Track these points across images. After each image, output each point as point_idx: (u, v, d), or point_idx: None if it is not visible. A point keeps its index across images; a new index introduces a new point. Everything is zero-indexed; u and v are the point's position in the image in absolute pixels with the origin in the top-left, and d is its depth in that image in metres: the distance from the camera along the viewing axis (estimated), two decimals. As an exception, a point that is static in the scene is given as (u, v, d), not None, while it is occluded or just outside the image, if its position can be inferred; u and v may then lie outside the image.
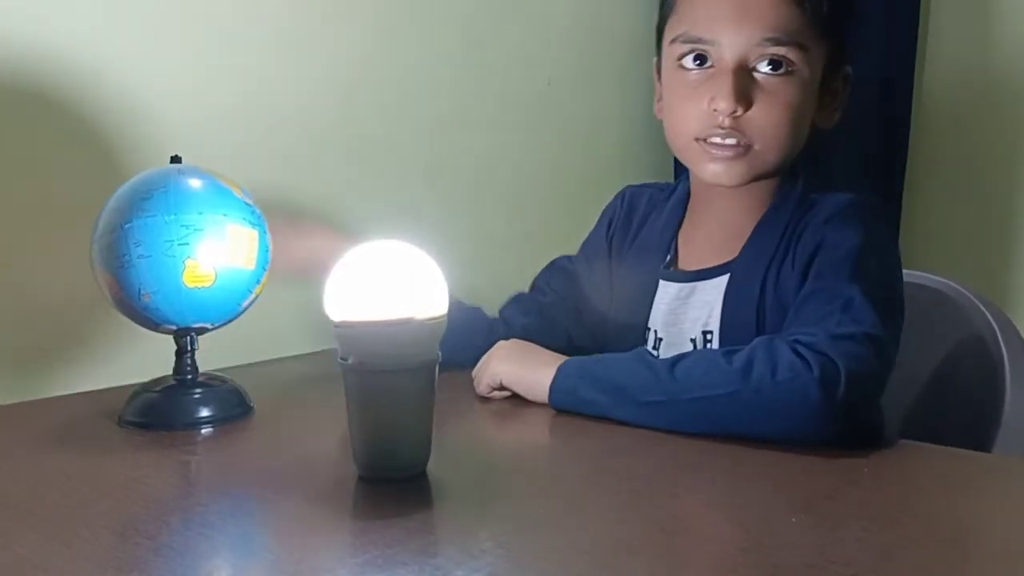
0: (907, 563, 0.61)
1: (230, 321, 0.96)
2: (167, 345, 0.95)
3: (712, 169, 0.97)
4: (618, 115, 1.89)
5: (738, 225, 1.00)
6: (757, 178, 0.98)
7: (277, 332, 1.23)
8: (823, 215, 0.95)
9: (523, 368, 0.97)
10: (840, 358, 0.81)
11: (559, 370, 0.93)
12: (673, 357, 0.89)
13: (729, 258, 0.99)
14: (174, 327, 0.93)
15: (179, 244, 0.88)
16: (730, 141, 0.95)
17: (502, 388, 0.98)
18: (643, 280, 1.05)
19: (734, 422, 0.83)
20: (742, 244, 0.99)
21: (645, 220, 1.11)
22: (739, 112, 0.94)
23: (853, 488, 0.74)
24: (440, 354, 0.75)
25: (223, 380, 0.97)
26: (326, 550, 0.65)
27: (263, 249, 0.94)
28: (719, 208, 1.03)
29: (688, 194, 1.07)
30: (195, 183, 0.92)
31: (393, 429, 0.74)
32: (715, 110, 0.94)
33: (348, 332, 0.72)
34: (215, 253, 0.89)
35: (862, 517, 0.68)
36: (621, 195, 1.17)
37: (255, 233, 0.93)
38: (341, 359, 0.73)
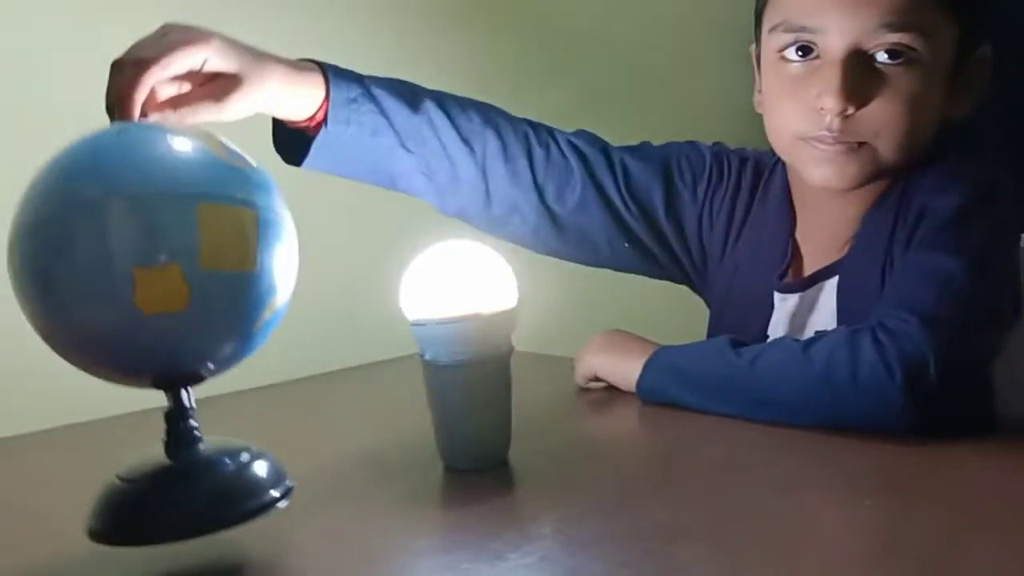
0: (979, 550, 0.55)
1: (241, 357, 0.61)
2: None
3: (820, 173, 0.86)
4: (718, 108, 1.63)
5: (846, 221, 0.90)
6: (873, 179, 0.87)
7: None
8: (930, 181, 0.85)
9: (615, 359, 0.94)
10: (932, 348, 0.74)
11: (646, 365, 0.89)
12: (756, 349, 0.82)
13: (837, 257, 0.90)
14: (146, 377, 0.58)
15: (121, 246, 0.53)
16: (840, 140, 0.84)
17: (597, 379, 0.96)
18: (756, 292, 0.95)
19: (816, 419, 0.77)
20: (849, 239, 0.90)
21: (748, 211, 0.99)
22: (850, 111, 0.82)
23: (936, 473, 0.69)
24: (514, 346, 0.76)
25: (244, 449, 0.62)
26: (388, 535, 0.64)
27: (276, 238, 0.59)
28: (828, 208, 0.91)
29: (787, 190, 0.96)
30: (146, 147, 0.57)
31: (468, 421, 0.75)
32: (822, 109, 0.83)
33: (421, 329, 0.74)
34: (183, 254, 0.54)
35: (938, 503, 0.63)
36: (725, 155, 1.02)
37: (250, 215, 0.57)
38: (420, 355, 0.75)
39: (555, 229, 0.98)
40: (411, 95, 0.89)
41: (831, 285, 0.89)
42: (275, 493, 0.60)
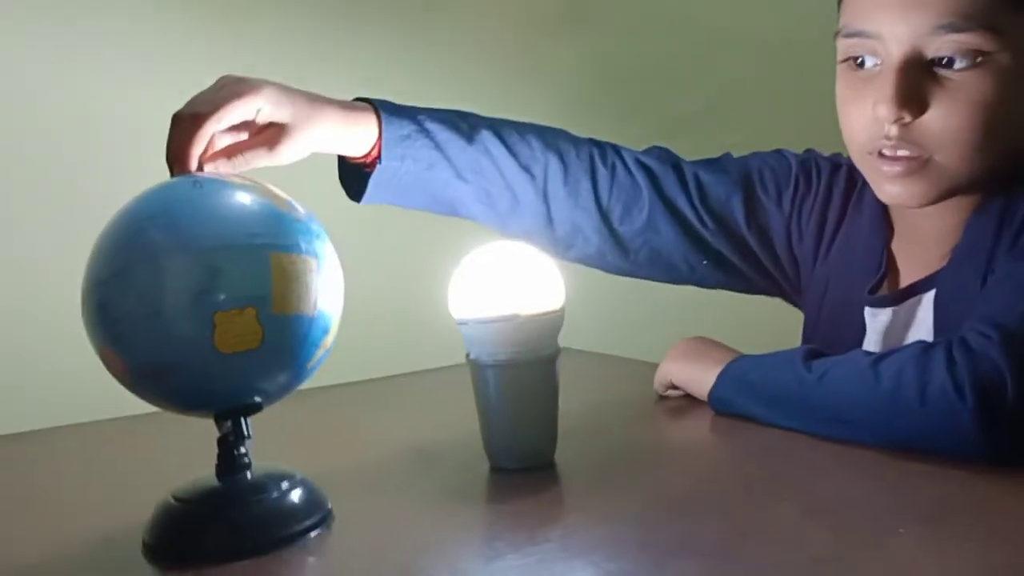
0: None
1: (292, 389, 0.67)
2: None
3: (888, 190, 0.83)
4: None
5: (946, 230, 0.85)
6: (950, 194, 0.82)
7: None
8: None
9: (692, 367, 0.93)
10: (1012, 369, 0.69)
11: (719, 376, 0.88)
12: (828, 363, 0.79)
13: (935, 268, 0.85)
14: (210, 411, 0.64)
15: (198, 293, 0.60)
16: (902, 153, 0.80)
17: (675, 387, 0.95)
18: (848, 307, 0.91)
19: (882, 440, 0.74)
20: (949, 249, 0.85)
21: (841, 221, 0.95)
22: (906, 119, 0.78)
23: (990, 502, 0.64)
24: (560, 348, 0.77)
25: (289, 476, 0.68)
26: (401, 527, 0.67)
27: (329, 284, 0.65)
28: (926, 216, 0.86)
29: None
30: (218, 199, 0.63)
31: (509, 420, 0.77)
32: (878, 118, 0.79)
33: (465, 328, 0.77)
34: (258, 299, 0.61)
35: (985, 537, 0.58)
36: (814, 162, 0.99)
37: (312, 263, 0.63)
38: (466, 354, 0.77)
39: (621, 250, 0.98)
40: (467, 127, 0.92)
41: (928, 299, 0.85)
42: (309, 522, 0.66)
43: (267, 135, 0.79)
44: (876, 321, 0.88)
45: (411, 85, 1.28)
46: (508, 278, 0.76)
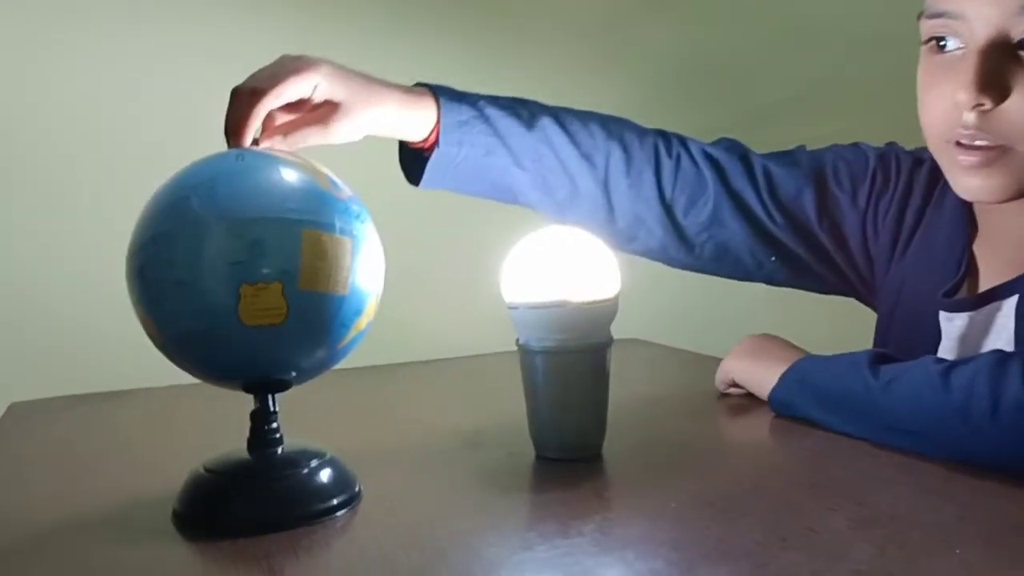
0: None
1: (324, 369, 0.66)
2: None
3: (964, 183, 0.78)
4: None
5: None
6: None
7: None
8: None
9: (755, 366, 0.89)
10: None
11: (781, 377, 0.84)
12: (896, 369, 0.74)
13: (1020, 272, 0.79)
14: (238, 382, 0.64)
15: (230, 263, 0.59)
16: (979, 143, 0.75)
17: (737, 385, 0.93)
18: (923, 311, 0.85)
19: (950, 454, 0.69)
20: None
21: (921, 217, 0.90)
22: (986, 105, 0.73)
23: None
24: (612, 337, 0.76)
25: (319, 454, 0.68)
26: (433, 510, 0.66)
27: (366, 265, 0.64)
28: (1012, 215, 0.81)
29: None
30: (260, 173, 0.62)
31: (555, 409, 0.76)
32: (957, 104, 0.74)
33: (515, 313, 0.75)
34: (285, 274, 0.60)
35: None
36: (894, 156, 0.94)
37: (346, 243, 0.62)
38: (516, 339, 0.76)
39: (685, 244, 0.95)
40: (528, 114, 0.90)
41: (1010, 305, 0.79)
42: (336, 501, 0.65)
43: (321, 112, 0.78)
44: (952, 326, 0.83)
45: (491, 70, 1.28)
46: (561, 264, 0.74)
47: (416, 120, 0.85)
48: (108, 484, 0.75)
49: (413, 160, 0.89)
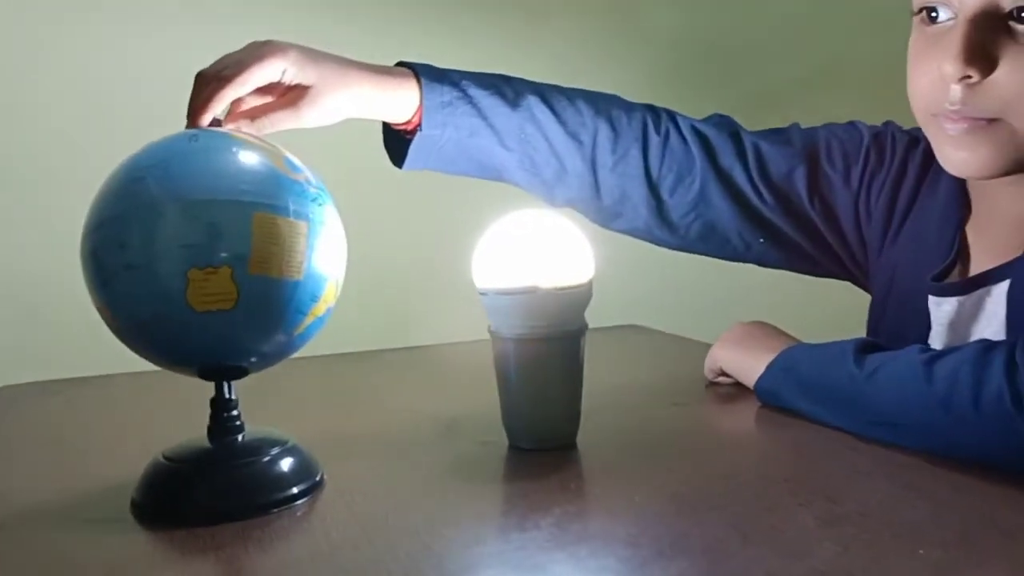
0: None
1: (282, 357, 0.65)
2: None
3: (951, 157, 0.75)
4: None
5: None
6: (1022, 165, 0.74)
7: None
8: None
9: (742, 355, 0.87)
10: None
11: (768, 366, 0.82)
12: (881, 359, 0.72)
13: (1012, 256, 0.76)
14: (192, 368, 0.63)
15: (179, 246, 0.57)
16: (966, 115, 0.73)
17: (725, 374, 0.91)
18: (913, 295, 0.83)
19: (932, 446, 0.67)
20: None
21: (915, 198, 0.88)
22: (974, 78, 0.71)
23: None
24: (586, 324, 0.74)
25: (281, 442, 0.66)
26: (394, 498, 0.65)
27: (324, 249, 0.62)
28: (1006, 196, 0.79)
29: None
30: (213, 155, 0.61)
31: (525, 398, 0.74)
32: (944, 75, 0.72)
33: (485, 299, 0.74)
34: (235, 258, 0.58)
35: (1009, 570, 0.51)
36: (890, 136, 0.91)
37: (301, 226, 0.60)
38: (488, 326, 0.74)
39: (671, 223, 0.93)
40: (513, 92, 0.88)
41: (1001, 290, 0.76)
42: (296, 490, 0.64)
43: (291, 96, 0.76)
44: (940, 312, 0.80)
45: (496, 52, 1.25)
46: (532, 249, 0.72)
47: (396, 102, 0.83)
48: (68, 472, 0.74)
49: (396, 141, 0.87)
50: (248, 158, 0.61)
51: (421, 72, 0.84)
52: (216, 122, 0.69)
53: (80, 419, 0.94)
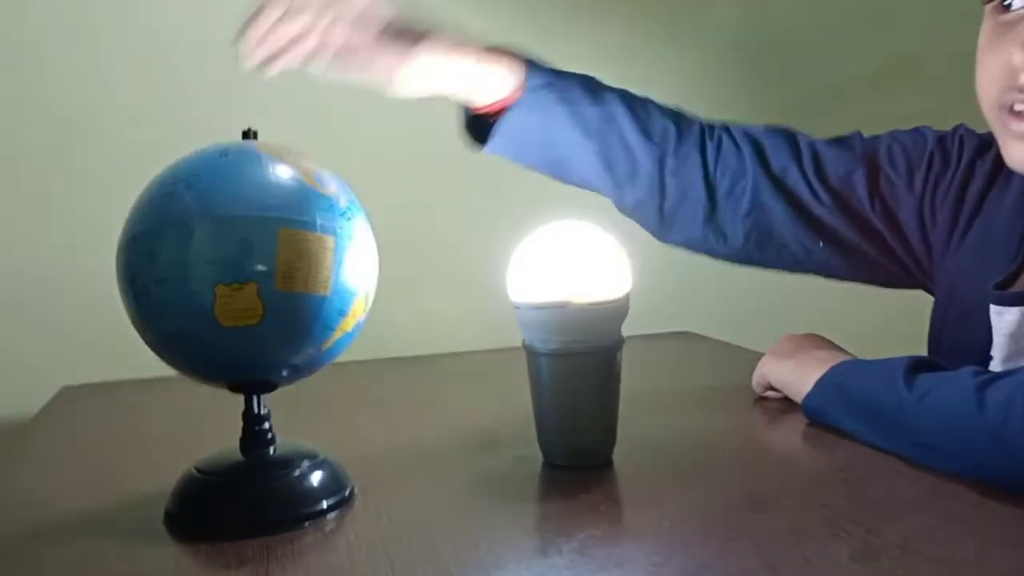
0: None
1: (312, 371, 0.65)
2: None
3: (1016, 154, 0.73)
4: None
5: None
6: None
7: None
8: None
9: (792, 369, 0.84)
10: None
11: (817, 382, 0.78)
12: (933, 380, 0.68)
13: None
14: (221, 381, 0.63)
15: (206, 262, 0.58)
16: None
17: (774, 388, 0.87)
18: (975, 304, 0.78)
19: (984, 476, 0.63)
20: None
21: (982, 202, 0.84)
22: None
23: None
24: (623, 339, 0.72)
25: (311, 455, 0.66)
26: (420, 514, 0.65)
27: (352, 264, 0.62)
28: None
29: None
30: (242, 170, 0.61)
31: (559, 414, 0.72)
32: (1014, 65, 0.70)
33: (519, 313, 0.72)
34: (261, 274, 0.58)
35: None
36: (958, 139, 0.88)
37: (327, 241, 0.60)
38: (523, 340, 0.73)
39: (724, 229, 0.91)
40: (595, 87, 0.89)
41: None
42: (326, 504, 0.64)
43: (390, 47, 0.76)
44: (1002, 321, 0.76)
45: (563, 43, 1.23)
46: (566, 262, 0.70)
47: (492, 79, 0.83)
48: (109, 478, 0.76)
49: (472, 125, 0.88)
50: (277, 173, 0.61)
51: (522, 54, 0.85)
52: (250, 133, 0.68)
53: (131, 423, 0.97)
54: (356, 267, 0.62)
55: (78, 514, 0.67)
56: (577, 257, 0.70)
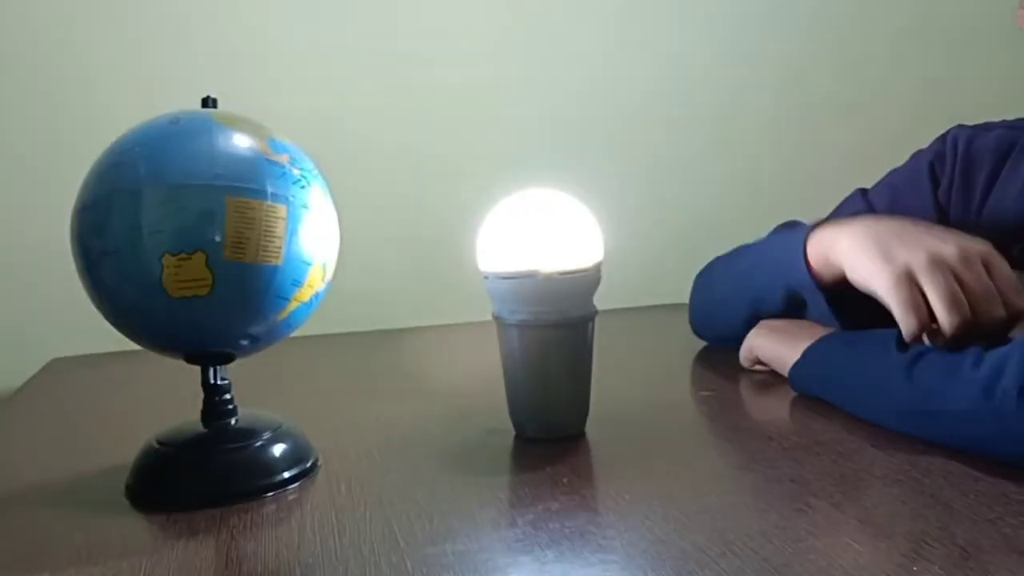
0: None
1: (269, 342, 0.64)
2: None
3: None
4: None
5: None
6: None
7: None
8: None
9: (779, 342, 0.83)
10: None
11: (804, 354, 0.77)
12: (919, 349, 0.66)
13: None
14: (177, 353, 0.62)
15: (151, 232, 0.57)
16: None
17: (762, 362, 0.86)
18: None
19: (973, 444, 0.62)
20: None
21: (993, 181, 0.84)
22: None
23: None
24: (595, 310, 0.70)
25: (274, 426, 0.66)
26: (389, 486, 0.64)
27: (308, 232, 0.61)
28: None
29: None
30: (193, 139, 0.60)
31: (535, 386, 0.70)
32: None
33: (487, 283, 0.71)
34: (209, 243, 0.57)
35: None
36: (951, 138, 0.89)
37: (279, 210, 0.59)
38: (492, 311, 0.72)
39: None
40: None
41: None
42: (287, 475, 0.63)
43: None
44: None
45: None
46: (535, 230, 0.68)
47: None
48: (80, 449, 0.76)
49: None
50: (228, 140, 0.60)
51: None
52: (209, 101, 0.66)
53: (112, 395, 0.97)
54: (311, 236, 0.61)
55: (43, 485, 0.67)
56: (546, 226, 0.68)
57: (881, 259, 0.68)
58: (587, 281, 0.69)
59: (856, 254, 0.71)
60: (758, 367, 0.87)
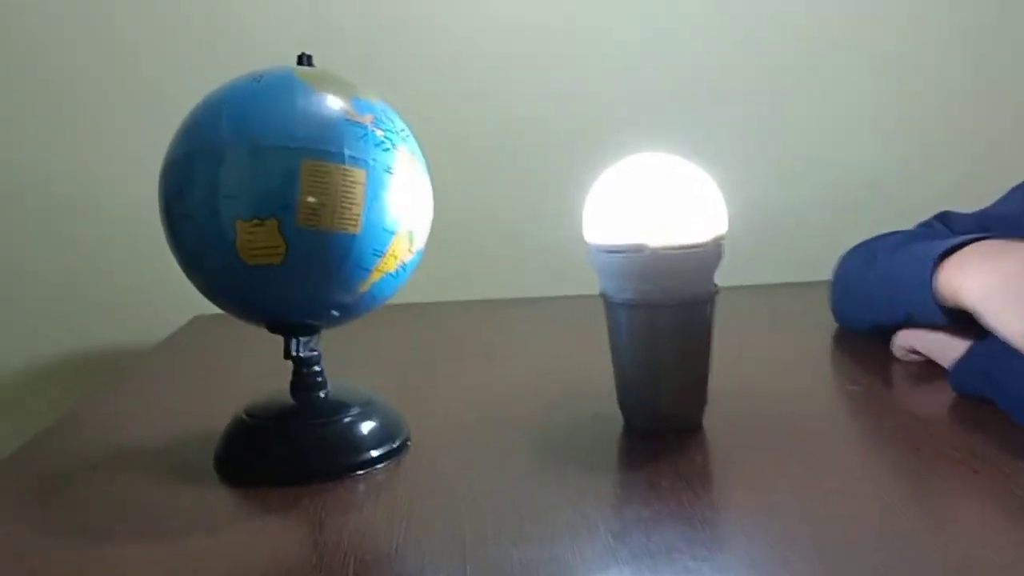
0: None
1: (355, 314, 0.60)
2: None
3: None
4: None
5: None
6: None
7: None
8: None
9: (939, 332, 0.72)
10: None
11: (972, 347, 0.68)
12: None
13: None
14: (259, 322, 0.60)
15: (224, 197, 0.54)
16: None
17: (918, 352, 0.76)
18: None
19: None
20: None
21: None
22: None
23: None
24: (716, 289, 0.63)
25: (364, 401, 0.63)
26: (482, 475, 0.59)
27: (392, 199, 0.56)
28: None
29: None
30: (271, 97, 0.56)
31: (644, 373, 0.64)
32: None
33: (591, 257, 0.64)
34: (282, 209, 0.54)
35: None
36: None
37: (358, 175, 0.55)
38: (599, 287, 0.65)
39: None
40: None
41: None
42: (375, 454, 0.60)
43: None
44: None
45: None
46: (649, 200, 0.61)
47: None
48: (180, 414, 0.75)
49: None
50: (308, 100, 0.56)
51: None
52: (305, 58, 0.62)
53: (241, 356, 0.96)
54: (395, 203, 0.57)
55: (140, 448, 0.67)
56: (659, 195, 0.61)
57: (1013, 308, 0.61)
58: (703, 257, 0.61)
59: (987, 306, 0.63)
60: (913, 356, 0.76)
